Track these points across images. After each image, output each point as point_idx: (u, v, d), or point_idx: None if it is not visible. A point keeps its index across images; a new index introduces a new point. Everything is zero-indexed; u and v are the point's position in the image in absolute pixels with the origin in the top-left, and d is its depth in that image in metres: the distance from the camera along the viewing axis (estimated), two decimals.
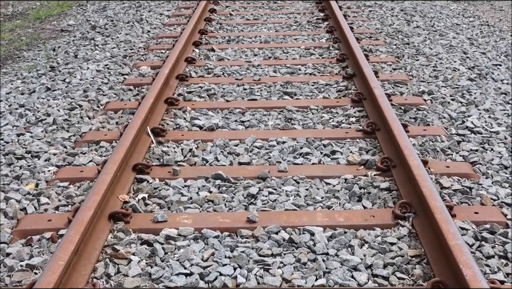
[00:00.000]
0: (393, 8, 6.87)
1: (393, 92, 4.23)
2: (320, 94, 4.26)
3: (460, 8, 7.17)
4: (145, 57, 5.22)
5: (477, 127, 3.62)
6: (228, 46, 5.49)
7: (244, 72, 4.75)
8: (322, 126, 3.71)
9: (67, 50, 5.57)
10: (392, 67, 4.80)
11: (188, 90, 4.36)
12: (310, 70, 4.77)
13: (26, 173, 3.17)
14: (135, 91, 4.38)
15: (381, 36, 5.73)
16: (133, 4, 7.48)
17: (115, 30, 6.21)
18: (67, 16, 7.41)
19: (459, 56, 5.10)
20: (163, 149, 3.44)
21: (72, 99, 4.23)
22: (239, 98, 4.21)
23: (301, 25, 6.21)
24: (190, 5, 7.27)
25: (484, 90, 4.28)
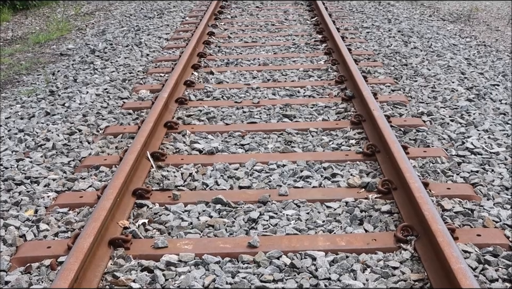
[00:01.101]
0: (390, 30, 6.91)
1: (392, 113, 4.23)
2: (319, 116, 4.26)
3: (456, 29, 7.22)
4: (145, 81, 5.23)
5: (477, 148, 3.62)
6: (226, 69, 5.51)
7: (243, 95, 4.76)
8: (322, 149, 3.71)
9: (66, 74, 5.59)
10: (391, 88, 4.82)
11: (187, 114, 4.37)
12: (309, 92, 4.78)
13: (25, 199, 3.16)
14: (134, 115, 4.39)
15: (379, 57, 5.75)
16: (131, 28, 7.52)
17: (114, 53, 6.23)
18: (66, 40, 7.45)
19: (457, 76, 5.11)
20: (163, 173, 3.42)
21: (72, 123, 4.23)
22: (238, 122, 4.21)
23: (299, 47, 6.24)
24: (188, 28, 7.32)
25: (483, 110, 4.28)
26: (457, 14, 8.16)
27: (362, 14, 7.93)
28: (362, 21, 7.50)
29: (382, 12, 8.05)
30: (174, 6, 9.13)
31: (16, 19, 8.99)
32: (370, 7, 8.48)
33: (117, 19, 8.46)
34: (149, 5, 9.34)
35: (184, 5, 9.13)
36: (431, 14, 8.13)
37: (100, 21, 8.61)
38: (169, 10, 8.70)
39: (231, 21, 7.79)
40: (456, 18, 7.87)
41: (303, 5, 8.75)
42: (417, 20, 7.58)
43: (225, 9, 8.54)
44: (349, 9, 8.36)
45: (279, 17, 7.87)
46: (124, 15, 8.64)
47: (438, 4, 8.90)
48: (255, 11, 8.34)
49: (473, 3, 8.80)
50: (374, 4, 8.69)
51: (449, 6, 8.75)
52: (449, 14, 8.13)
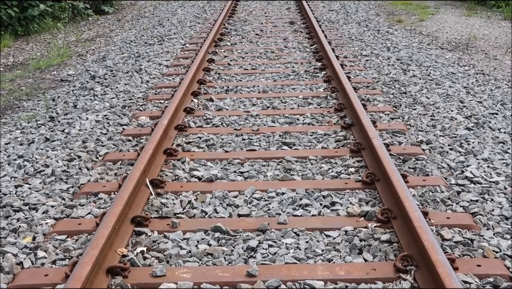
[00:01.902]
0: (389, 58, 6.98)
1: (391, 142, 4.25)
2: (318, 144, 4.28)
3: (455, 57, 7.29)
4: (144, 108, 5.26)
5: (476, 177, 3.63)
6: (226, 96, 5.54)
7: (242, 122, 4.79)
8: (321, 177, 3.72)
9: (66, 100, 5.62)
10: (390, 116, 4.85)
11: (187, 141, 4.39)
12: (308, 119, 4.81)
13: (23, 225, 3.15)
14: (134, 142, 4.40)
15: (378, 85, 5.80)
16: (132, 54, 7.58)
17: (114, 80, 6.27)
18: (67, 66, 7.50)
19: (456, 105, 5.15)
20: (162, 200, 3.43)
21: (71, 150, 4.24)
22: (237, 149, 4.23)
23: (298, 75, 6.29)
24: (188, 55, 7.38)
25: (482, 139, 4.30)
26: (455, 42, 8.24)
27: (361, 42, 8.01)
28: (361, 48, 7.58)
29: (381, 40, 8.13)
30: (175, 33, 9.22)
31: (17, 45, 9.07)
32: (369, 35, 8.57)
33: (117, 45, 8.53)
34: (149, 32, 9.43)
35: (185, 32, 9.22)
36: (429, 43, 8.21)
37: (100, 47, 8.69)
38: (170, 37, 8.79)
39: (231, 48, 7.86)
40: (455, 47, 7.94)
41: (302, 33, 8.84)
42: (416, 48, 7.65)
43: (225, 36, 8.62)
44: (348, 37, 8.45)
45: (278, 45, 7.94)
46: (125, 42, 8.71)
47: (436, 33, 8.99)
48: (254, 39, 8.42)
49: (471, 32, 8.89)
50: (373, 32, 8.78)
51: (448, 34, 8.84)
52: (448, 43, 8.21)
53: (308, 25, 9.26)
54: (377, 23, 9.76)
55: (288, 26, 9.48)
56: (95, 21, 11.52)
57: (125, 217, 3.08)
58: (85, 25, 11.01)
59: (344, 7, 11.74)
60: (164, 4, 13.34)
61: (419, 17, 10.51)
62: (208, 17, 10.82)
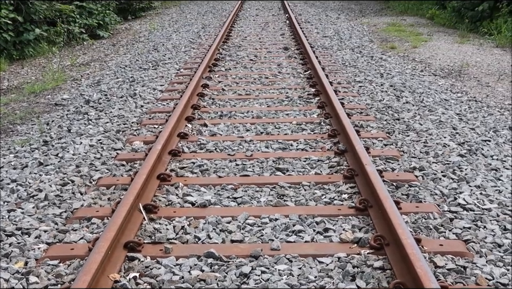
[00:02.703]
0: (383, 84, 7.05)
1: (384, 168, 4.28)
2: (312, 170, 4.31)
3: (448, 84, 7.37)
4: (138, 132, 5.29)
5: (469, 204, 3.66)
6: (220, 121, 5.58)
7: (236, 147, 4.82)
8: (314, 203, 3.74)
9: (61, 124, 5.64)
10: (383, 143, 4.89)
11: (181, 166, 4.41)
12: (302, 145, 4.85)
13: (15, 250, 3.15)
14: (127, 167, 4.42)
15: (371, 112, 5.85)
16: (126, 79, 7.63)
17: (109, 104, 6.31)
18: (61, 90, 7.54)
19: (449, 131, 5.20)
20: (155, 226, 3.43)
21: (65, 174, 4.25)
22: (231, 174, 4.25)
23: (292, 101, 6.34)
24: (183, 80, 7.44)
25: (475, 166, 4.34)
26: (448, 69, 8.34)
27: (355, 68, 8.10)
28: (355, 75, 7.66)
29: (374, 66, 8.23)
30: (169, 58, 9.30)
31: (12, 69, 9.11)
32: (363, 61, 8.67)
33: (112, 70, 8.59)
34: (144, 57, 9.51)
35: (179, 57, 9.30)
36: (422, 69, 8.31)
37: (95, 72, 8.74)
38: (164, 62, 8.86)
39: (225, 73, 7.93)
40: (448, 74, 8.04)
41: (296, 58, 8.93)
42: (409, 75, 7.74)
43: (220, 62, 8.70)
44: (342, 63, 8.54)
45: (272, 70, 8.02)
46: (119, 66, 8.78)
47: (429, 59, 9.10)
48: (249, 64, 8.50)
49: (464, 59, 9.00)
50: (367, 58, 8.88)
51: (441, 61, 8.95)
52: (441, 70, 8.31)
53: (302, 51, 9.37)
54: (370, 50, 9.88)
55: (282, 52, 9.59)
56: (90, 45, 11.60)
57: (118, 242, 3.08)
58: (80, 50, 11.09)
59: (338, 33, 11.88)
60: (159, 29, 13.46)
61: (412, 44, 10.64)
62: (202, 42, 10.92)
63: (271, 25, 13.36)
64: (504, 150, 4.75)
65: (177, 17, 16.01)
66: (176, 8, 19.29)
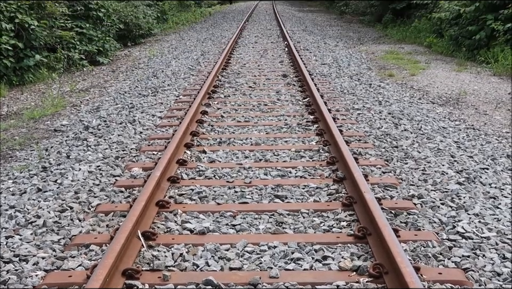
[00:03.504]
0: (381, 112, 7.10)
1: (383, 196, 4.30)
2: (310, 197, 4.33)
3: (445, 112, 7.42)
4: (137, 159, 5.31)
5: (467, 232, 3.67)
6: (219, 148, 5.61)
7: (235, 174, 4.84)
8: (313, 230, 3.74)
9: (59, 150, 5.67)
10: (382, 170, 4.91)
11: (179, 193, 4.42)
12: (300, 172, 4.87)
13: (13, 277, 3.14)
14: (126, 193, 4.43)
15: (370, 139, 5.89)
16: (126, 105, 7.68)
17: (108, 130, 6.34)
18: (61, 116, 7.58)
19: (447, 159, 5.23)
20: (153, 253, 3.43)
21: (63, 200, 4.26)
22: (230, 201, 4.26)
23: (291, 128, 6.38)
24: (182, 106, 7.49)
25: (473, 194, 4.36)
26: (446, 97, 8.41)
27: (354, 96, 8.16)
28: (353, 102, 7.72)
29: (372, 94, 8.29)
30: (169, 84, 9.37)
31: (12, 94, 9.17)
32: (361, 89, 8.74)
33: (111, 96, 8.65)
34: (144, 83, 9.58)
35: (178, 84, 9.37)
36: (420, 97, 8.37)
37: (94, 98, 8.80)
38: (164, 89, 8.92)
39: (224, 100, 7.99)
40: (445, 102, 8.10)
41: (295, 86, 9.00)
42: (407, 103, 7.81)
43: (219, 89, 8.77)
44: (340, 90, 8.61)
45: (271, 97, 8.08)
46: (119, 93, 8.84)
47: (427, 87, 9.18)
48: (248, 91, 8.57)
49: (461, 87, 9.08)
50: (365, 86, 8.95)
51: (438, 89, 9.02)
52: (438, 97, 8.38)
53: (300, 78, 9.45)
54: (369, 77, 9.96)
55: (281, 79, 9.67)
56: (89, 71, 11.69)
57: (116, 269, 3.08)
58: (80, 76, 11.17)
59: (336, 60, 12.00)
60: (158, 56, 13.58)
61: (410, 72, 10.74)
62: (202, 69, 11.01)
63: (270, 52, 13.48)
64: (502, 178, 4.78)
65: (177, 44, 16.16)
66: (176, 35, 19.48)
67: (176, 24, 23.64)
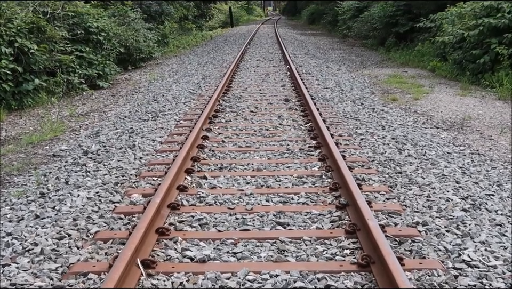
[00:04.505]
0: (384, 137, 7.12)
1: (387, 223, 4.30)
2: (313, 224, 4.32)
3: (450, 137, 7.45)
4: (137, 185, 5.32)
5: (473, 261, 3.66)
6: (220, 174, 5.62)
7: (236, 201, 4.84)
8: (316, 259, 3.74)
9: (58, 176, 5.68)
10: (386, 197, 4.91)
11: (180, 220, 4.42)
12: (302, 199, 4.87)
13: None
14: (125, 220, 4.43)
15: (373, 165, 5.90)
16: (125, 130, 7.71)
17: (107, 156, 6.36)
18: (60, 141, 7.61)
19: (452, 185, 5.23)
20: (153, 281, 3.42)
21: (61, 227, 4.26)
22: (231, 228, 4.26)
23: (293, 153, 6.40)
24: (182, 131, 7.52)
25: (479, 221, 4.36)
26: (450, 122, 8.44)
27: (356, 120, 8.20)
28: (356, 127, 7.75)
29: (376, 119, 8.33)
30: (169, 109, 9.41)
31: (10, 119, 9.22)
32: (364, 113, 8.77)
33: (111, 121, 8.69)
34: (144, 108, 9.63)
35: (179, 108, 9.42)
36: (424, 122, 8.41)
37: (94, 122, 8.84)
38: (164, 113, 8.97)
39: (225, 125, 8.02)
40: (450, 126, 8.13)
41: (297, 110, 9.05)
42: (411, 127, 7.83)
43: (220, 113, 8.81)
44: (343, 115, 8.65)
45: (273, 122, 8.11)
46: (119, 117, 8.89)
47: (431, 112, 9.22)
48: (249, 116, 8.61)
49: (466, 112, 9.12)
50: (368, 111, 8.99)
51: (443, 114, 9.06)
52: (443, 122, 8.41)
53: (302, 102, 9.49)
54: (372, 102, 10.01)
55: (283, 104, 9.71)
56: (89, 95, 11.76)
57: None
58: (79, 100, 11.24)
59: (339, 84, 12.06)
60: (159, 80, 13.67)
61: (414, 96, 10.79)
62: (203, 93, 11.08)
63: (272, 76, 13.57)
64: (508, 204, 4.77)
65: (178, 68, 16.27)
66: (177, 58, 19.62)
67: (177, 47, 23.83)
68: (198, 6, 34.45)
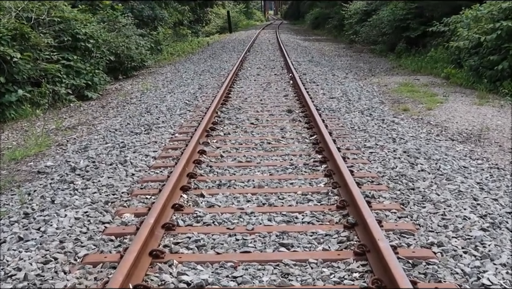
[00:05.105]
0: (395, 150, 7.14)
1: (399, 243, 4.29)
2: (319, 245, 4.32)
3: (466, 150, 7.46)
4: (129, 204, 5.32)
5: (494, 285, 3.65)
6: (218, 191, 5.63)
7: (236, 220, 4.84)
8: (322, 283, 3.73)
9: (43, 194, 5.69)
10: (397, 215, 4.91)
11: (175, 241, 4.42)
12: (307, 218, 4.87)
13: None
14: (116, 242, 4.43)
15: (383, 180, 5.90)
16: (116, 144, 7.73)
17: (97, 172, 6.37)
18: (45, 156, 7.63)
19: (469, 202, 5.23)
20: None
21: (47, 251, 4.26)
22: (230, 250, 4.26)
23: (297, 168, 6.41)
24: (178, 145, 7.54)
25: (499, 241, 4.35)
26: (466, 133, 8.46)
27: (365, 133, 8.21)
28: (364, 140, 7.76)
29: (386, 131, 8.34)
30: (163, 121, 9.44)
31: None
32: (373, 125, 8.79)
33: (101, 134, 8.72)
34: (136, 120, 9.67)
35: (174, 120, 9.44)
36: (438, 133, 8.42)
37: (82, 136, 8.87)
38: (158, 126, 8.99)
39: (224, 138, 8.04)
40: (466, 138, 8.15)
41: (301, 122, 9.07)
42: (424, 140, 7.85)
43: (218, 126, 8.84)
44: (350, 127, 8.67)
45: (275, 135, 8.13)
46: (109, 130, 8.91)
47: (446, 123, 9.24)
48: (249, 128, 8.63)
49: (483, 122, 9.13)
50: (378, 122, 9.02)
51: (458, 124, 9.08)
52: (458, 134, 8.43)
53: (307, 113, 9.52)
54: (381, 112, 10.04)
55: (285, 115, 9.74)
56: (77, 107, 11.80)
57: None
58: (66, 112, 11.28)
59: (345, 94, 12.10)
60: (152, 90, 13.72)
61: (427, 106, 10.82)
62: (199, 104, 11.11)
63: (274, 86, 13.62)
64: None
65: (172, 77, 16.34)
66: (171, 67, 19.71)
67: (172, 55, 23.94)
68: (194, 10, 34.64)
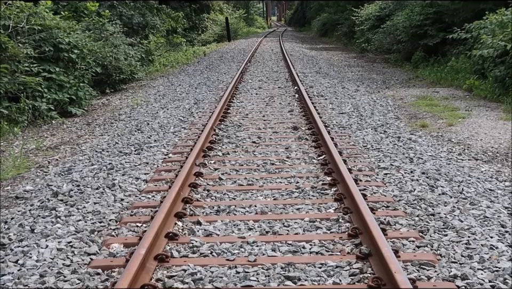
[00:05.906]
0: (413, 171, 7.14)
1: (418, 276, 4.29)
2: (329, 278, 4.32)
3: (492, 170, 7.46)
4: (118, 232, 5.32)
5: None
6: (217, 218, 5.63)
7: (236, 251, 4.84)
8: None
9: (22, 223, 5.69)
10: (416, 244, 4.91)
11: (169, 275, 4.42)
12: (316, 248, 4.87)
13: None
14: (103, 276, 4.43)
15: (400, 205, 5.90)
16: (103, 166, 7.74)
17: (81, 197, 6.38)
18: (24, 179, 7.64)
19: (496, 230, 5.22)
20: None
21: (26, 286, 4.25)
22: (230, 284, 4.25)
23: (304, 192, 6.41)
24: (172, 167, 7.55)
25: None
26: (492, 152, 8.46)
27: (379, 152, 8.22)
28: (379, 160, 7.77)
29: (402, 149, 8.35)
30: (155, 140, 9.46)
31: None
32: (388, 143, 8.80)
33: (86, 155, 8.74)
34: (125, 139, 9.69)
35: (168, 139, 9.47)
36: (460, 152, 8.43)
37: (65, 157, 8.89)
38: (149, 145, 9.01)
39: (222, 158, 8.05)
40: (492, 158, 8.15)
41: (307, 140, 9.09)
42: (445, 159, 7.85)
43: (216, 145, 8.85)
44: (363, 145, 8.68)
45: (279, 155, 8.15)
46: (95, 150, 8.93)
47: (469, 140, 9.25)
48: (251, 148, 8.65)
49: (511, 140, 9.13)
50: (393, 140, 9.03)
51: (483, 142, 9.09)
52: (483, 152, 8.43)
53: (314, 131, 9.54)
54: (397, 128, 10.06)
55: (291, 133, 9.77)
56: (59, 124, 11.83)
57: None
58: (48, 130, 11.30)
59: (357, 108, 12.13)
60: (143, 105, 13.77)
61: (447, 121, 10.84)
62: (195, 121, 11.15)
63: (277, 100, 13.66)
64: None
65: (165, 91, 16.40)
66: (164, 79, 19.79)
67: (164, 66, 24.04)
68: (189, 16, 34.84)
